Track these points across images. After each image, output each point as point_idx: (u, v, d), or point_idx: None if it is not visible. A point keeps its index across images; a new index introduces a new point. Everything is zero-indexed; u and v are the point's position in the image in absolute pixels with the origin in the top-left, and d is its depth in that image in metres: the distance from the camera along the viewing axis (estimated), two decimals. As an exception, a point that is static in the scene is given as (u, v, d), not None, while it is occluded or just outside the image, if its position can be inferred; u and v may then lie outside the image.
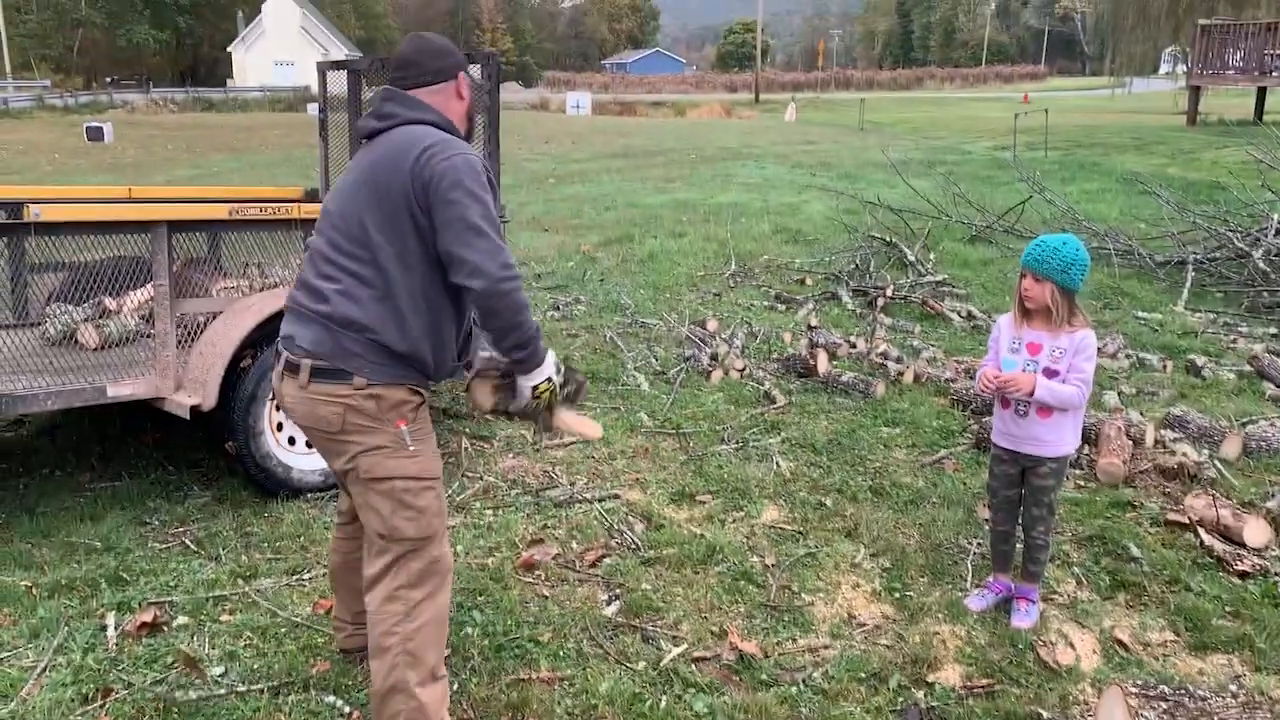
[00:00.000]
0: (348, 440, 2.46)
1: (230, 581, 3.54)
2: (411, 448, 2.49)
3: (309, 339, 2.46)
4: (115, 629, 3.19)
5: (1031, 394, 3.15)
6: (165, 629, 3.23)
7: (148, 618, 3.23)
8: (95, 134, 25.06)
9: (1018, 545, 3.45)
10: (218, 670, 3.00)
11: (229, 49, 68.10)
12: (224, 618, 3.31)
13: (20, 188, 5.06)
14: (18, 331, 4.07)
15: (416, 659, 2.50)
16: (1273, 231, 8.50)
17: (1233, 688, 2.99)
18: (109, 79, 60.29)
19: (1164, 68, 46.02)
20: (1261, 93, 21.73)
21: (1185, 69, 26.83)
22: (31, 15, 60.71)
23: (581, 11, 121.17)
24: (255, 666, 3.02)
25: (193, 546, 3.81)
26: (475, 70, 5.16)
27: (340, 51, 60.70)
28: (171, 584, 3.51)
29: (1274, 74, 20.83)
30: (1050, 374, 3.16)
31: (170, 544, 3.84)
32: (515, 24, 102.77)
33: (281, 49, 64.81)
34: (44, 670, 2.98)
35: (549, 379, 2.60)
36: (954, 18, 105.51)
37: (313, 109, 6.92)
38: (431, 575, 2.55)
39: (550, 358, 2.62)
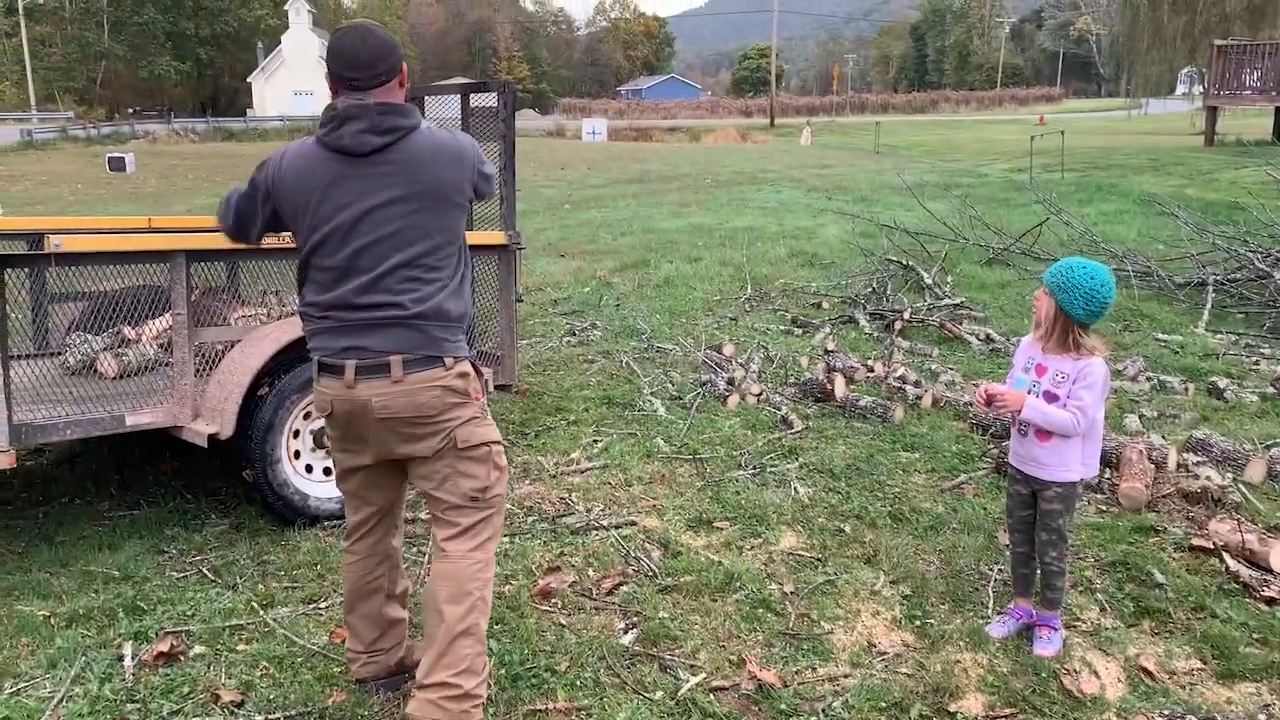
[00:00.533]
0: (446, 419, 2.67)
1: (247, 610, 3.53)
2: (488, 417, 2.81)
3: (392, 340, 2.62)
4: (132, 659, 3.19)
5: (1019, 411, 3.13)
6: (182, 658, 3.22)
7: (165, 647, 3.23)
8: (117, 164, 25.38)
9: (1038, 570, 3.41)
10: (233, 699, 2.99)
11: (249, 79, 69.01)
12: (240, 647, 3.30)
13: (42, 218, 5.12)
14: (38, 361, 4.10)
15: (489, 606, 2.77)
16: (1293, 252, 8.43)
17: (1261, 717, 2.94)
18: (131, 110, 61.18)
19: (1180, 88, 45.89)
20: (1279, 113, 21.64)
21: (1202, 89, 26.80)
22: (56, 48, 61.72)
23: (597, 39, 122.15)
24: (271, 697, 3.01)
25: (210, 575, 3.81)
26: (491, 98, 5.20)
27: (358, 80, 61.25)
28: (189, 613, 3.51)
29: (1292, 94, 20.76)
30: (1050, 398, 3.15)
31: (188, 573, 3.84)
32: (531, 51, 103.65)
33: (301, 78, 65.58)
34: (61, 700, 2.97)
35: None
36: (968, 41, 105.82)
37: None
38: (500, 532, 2.88)
39: None
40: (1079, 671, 3.15)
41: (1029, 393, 3.18)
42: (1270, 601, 3.53)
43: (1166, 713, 2.90)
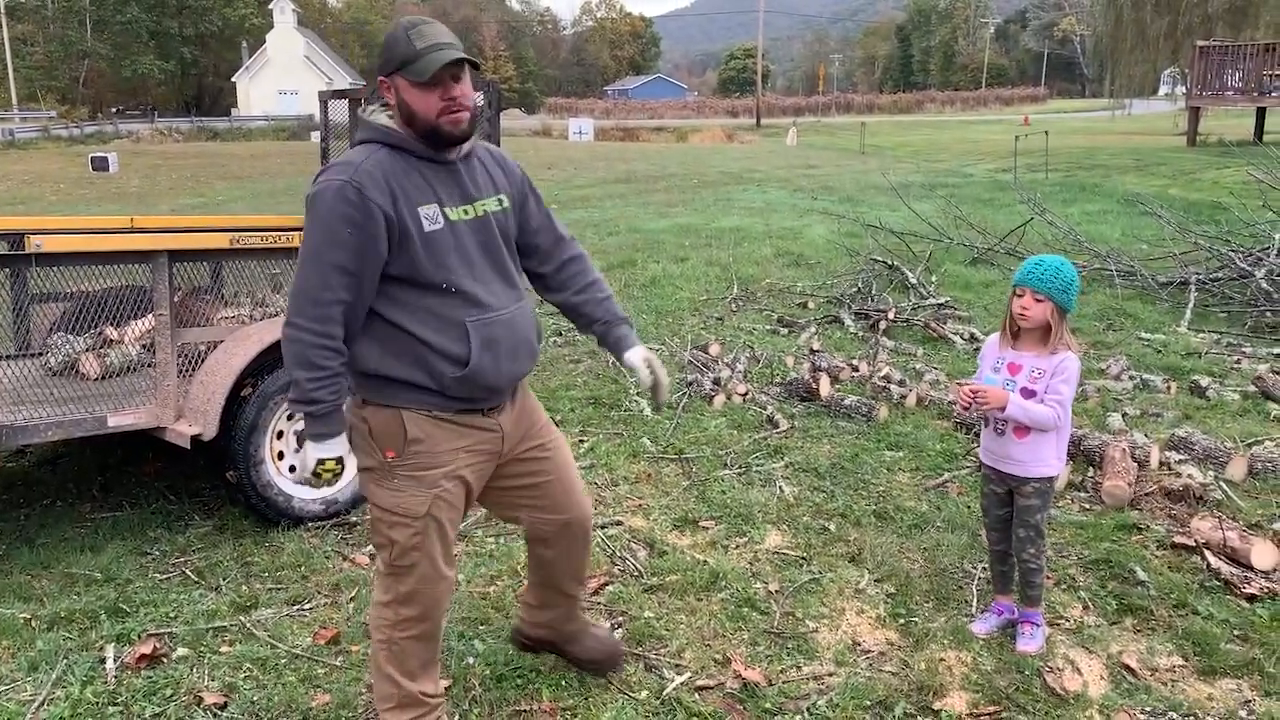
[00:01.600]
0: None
1: (230, 612, 3.52)
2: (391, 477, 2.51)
3: None
4: (114, 661, 3.17)
5: (1003, 409, 3.14)
6: (165, 661, 3.21)
7: (147, 649, 3.21)
8: (100, 164, 25.24)
9: (1016, 567, 3.43)
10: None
11: (234, 78, 68.72)
12: (224, 649, 3.29)
13: (23, 219, 5.07)
14: (19, 362, 4.07)
15: (387, 657, 2.59)
16: (1275, 251, 8.49)
17: (1242, 713, 2.96)
18: (114, 109, 60.83)
19: (1163, 89, 46.22)
20: (1261, 113, 21.80)
21: (1184, 90, 26.97)
22: (38, 47, 61.33)
23: (583, 38, 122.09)
24: (255, 699, 3.00)
25: (193, 577, 3.80)
26: (478, 97, 5.19)
27: (344, 80, 61.17)
28: (171, 615, 3.49)
29: (1273, 94, 20.93)
30: (1027, 394, 3.16)
31: (171, 574, 3.82)
32: (517, 51, 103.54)
33: (286, 78, 65.37)
34: (42, 704, 2.96)
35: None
36: (953, 41, 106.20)
37: (316, 137, 7.00)
38: (407, 604, 2.55)
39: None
40: (1062, 669, 3.17)
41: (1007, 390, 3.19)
42: (1251, 598, 3.56)
43: (1148, 709, 2.92)
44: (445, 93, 2.32)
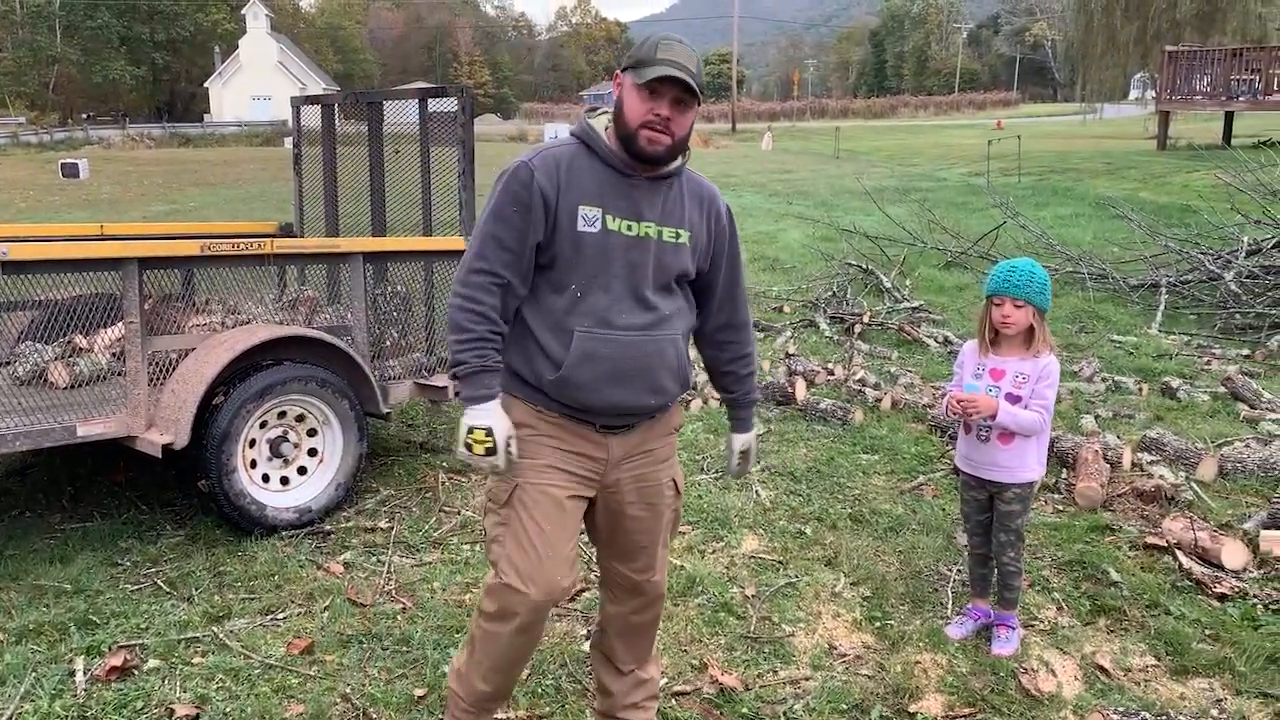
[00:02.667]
0: None
1: (203, 623, 3.48)
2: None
3: None
4: (84, 674, 3.13)
5: (994, 417, 3.15)
6: (136, 673, 3.17)
7: (117, 661, 3.17)
8: (70, 171, 24.95)
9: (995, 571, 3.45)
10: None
11: (206, 84, 68.17)
12: (196, 660, 3.25)
13: (-10, 226, 5.02)
14: (-14, 371, 4.02)
15: (474, 647, 2.50)
16: (1243, 254, 8.61)
17: (1214, 712, 2.98)
18: (85, 115, 60.21)
19: (1133, 93, 46.77)
20: (1229, 117, 22.09)
21: (1154, 94, 27.27)
22: (6, 52, 60.63)
23: (558, 44, 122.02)
24: (228, 710, 2.96)
25: (165, 587, 3.75)
26: (450, 103, 5.17)
27: (318, 85, 60.89)
28: (143, 626, 3.45)
29: (1240, 98, 21.19)
30: (1012, 399, 3.17)
31: (142, 585, 3.78)
32: (492, 57, 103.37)
33: (259, 84, 64.93)
34: (10, 718, 2.91)
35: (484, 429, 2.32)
36: (926, 46, 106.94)
37: (290, 143, 6.95)
38: (493, 598, 2.42)
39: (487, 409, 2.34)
40: (1036, 670, 3.19)
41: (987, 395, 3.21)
42: (1222, 598, 3.59)
43: (1122, 709, 2.94)
44: (656, 107, 2.29)
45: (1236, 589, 3.63)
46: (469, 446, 2.32)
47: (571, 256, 2.35)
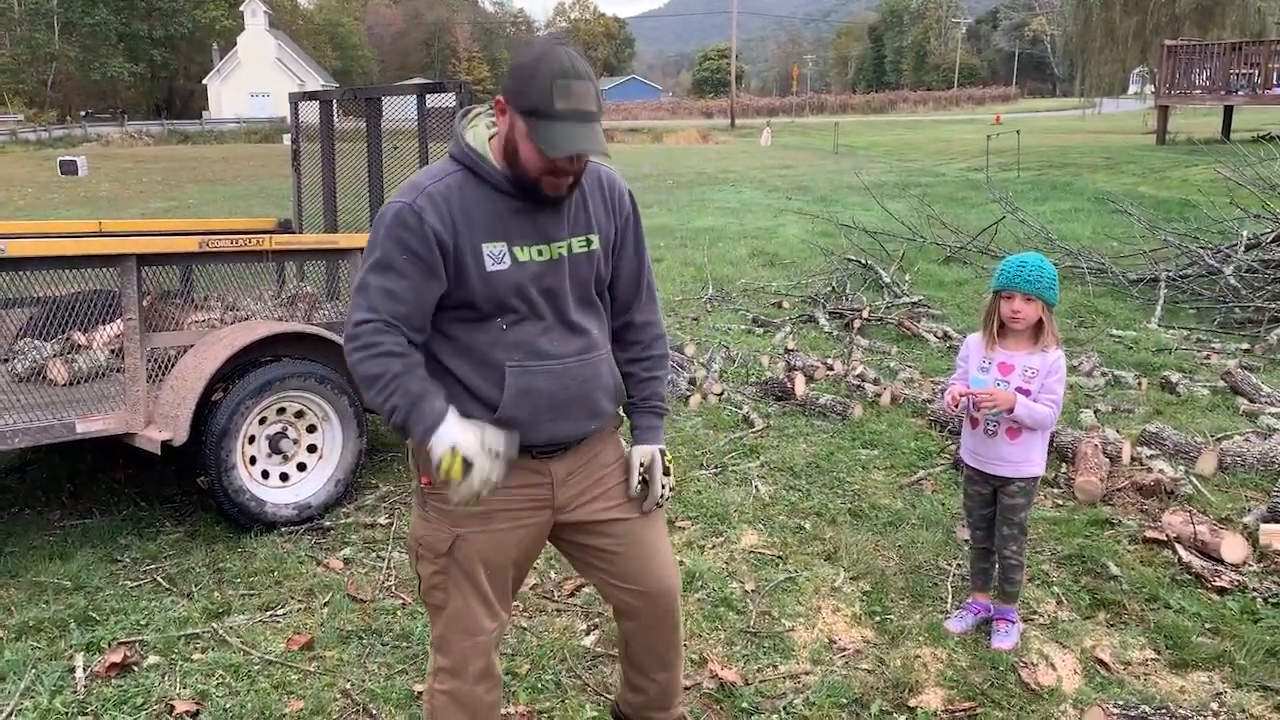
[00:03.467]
0: None
1: (202, 619, 3.48)
2: (424, 507, 2.30)
3: None
4: (84, 670, 3.13)
5: (1010, 411, 3.14)
6: (135, 669, 3.17)
7: (117, 658, 3.17)
8: (69, 168, 24.94)
9: (997, 565, 3.45)
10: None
11: (204, 81, 68.13)
12: (196, 656, 3.25)
13: (-12, 223, 5.02)
14: (-15, 368, 4.02)
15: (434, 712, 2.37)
16: (1242, 248, 8.60)
17: (1214, 705, 2.98)
18: (83, 113, 60.12)
19: (1133, 88, 46.69)
20: (1228, 111, 22.05)
21: (1153, 89, 27.24)
22: (4, 50, 60.57)
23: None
24: (227, 706, 2.97)
25: (164, 584, 3.75)
26: (449, 98, 5.17)
27: (316, 82, 60.80)
28: (142, 623, 3.45)
29: (1239, 93, 21.17)
30: (1021, 394, 3.17)
31: (141, 582, 3.78)
32: (491, 53, 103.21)
33: (257, 80, 64.90)
34: (10, 715, 2.91)
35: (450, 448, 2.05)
36: (925, 41, 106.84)
37: (288, 139, 6.94)
38: (440, 651, 2.33)
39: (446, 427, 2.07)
40: (1036, 664, 3.19)
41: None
42: (1221, 591, 3.60)
43: (1121, 703, 2.94)
44: (558, 161, 2.07)
45: (1236, 583, 3.63)
46: (446, 479, 2.04)
47: (486, 297, 2.15)
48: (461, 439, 2.04)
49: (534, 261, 2.18)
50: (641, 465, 2.41)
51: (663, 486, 2.42)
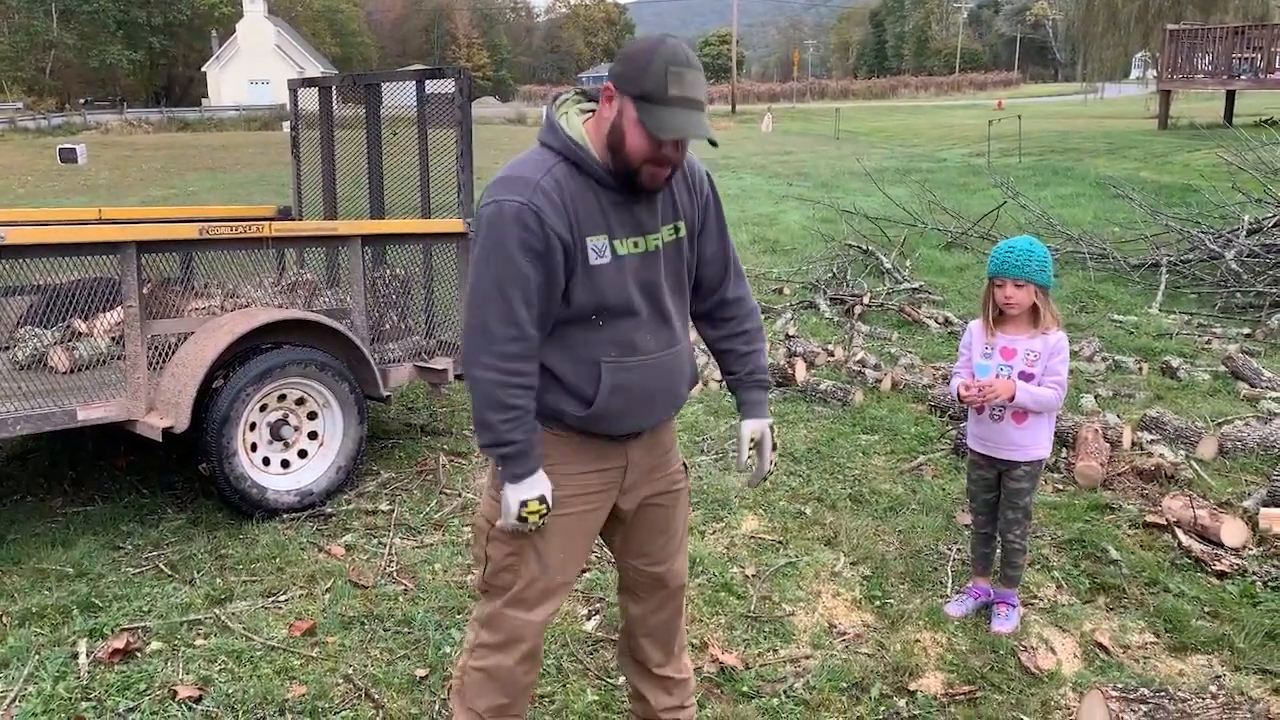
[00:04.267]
0: None
1: (205, 605, 3.49)
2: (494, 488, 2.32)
3: None
4: (87, 656, 3.14)
5: (1012, 399, 3.14)
6: (138, 655, 3.18)
7: (120, 644, 3.18)
8: (68, 156, 24.85)
9: (998, 549, 3.45)
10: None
11: (204, 68, 67.88)
12: (198, 642, 3.27)
13: (-12, 211, 5.01)
14: (-14, 356, 4.02)
15: (461, 700, 2.39)
16: (1244, 233, 8.59)
17: (1213, 688, 2.99)
18: (82, 100, 59.98)
19: (1135, 73, 46.57)
20: (1230, 95, 21.99)
21: (1155, 74, 27.16)
22: (2, 37, 60.36)
23: (557, 25, 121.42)
24: (230, 691, 2.98)
25: (166, 570, 3.76)
26: (448, 84, 5.15)
27: (316, 69, 60.56)
28: (145, 609, 3.46)
29: (1242, 77, 21.11)
30: (1026, 377, 3.17)
31: (144, 568, 3.79)
32: (491, 39, 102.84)
33: (257, 68, 64.62)
34: (13, 700, 2.92)
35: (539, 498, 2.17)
36: (927, 26, 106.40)
37: (288, 127, 6.92)
38: (496, 627, 2.33)
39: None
40: (1036, 648, 3.20)
41: (999, 376, 3.20)
42: (1221, 575, 3.61)
43: (1121, 686, 2.95)
44: (666, 148, 2.07)
45: (1236, 566, 3.64)
46: (523, 519, 2.16)
47: (587, 292, 2.14)
48: (548, 492, 2.18)
49: (632, 255, 2.19)
50: (752, 440, 2.45)
51: (770, 462, 2.49)
